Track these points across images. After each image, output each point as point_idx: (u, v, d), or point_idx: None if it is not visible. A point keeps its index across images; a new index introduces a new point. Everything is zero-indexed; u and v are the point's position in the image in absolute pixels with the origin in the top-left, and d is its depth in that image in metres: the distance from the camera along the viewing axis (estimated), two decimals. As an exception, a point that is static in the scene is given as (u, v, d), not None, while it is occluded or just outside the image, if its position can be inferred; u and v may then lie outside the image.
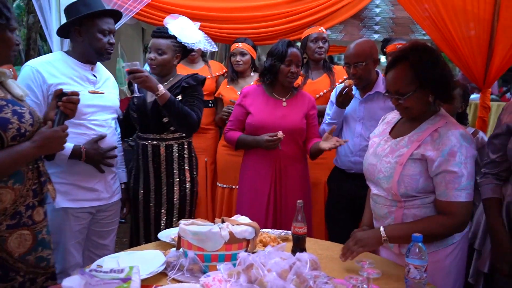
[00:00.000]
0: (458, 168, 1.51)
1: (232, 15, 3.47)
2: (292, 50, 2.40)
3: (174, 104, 2.17)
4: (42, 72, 1.94)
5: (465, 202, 1.53)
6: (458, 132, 1.54)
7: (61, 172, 2.01)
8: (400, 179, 1.58)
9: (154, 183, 2.34)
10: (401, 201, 1.62)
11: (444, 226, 1.54)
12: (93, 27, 2.01)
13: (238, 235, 1.54)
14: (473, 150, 1.56)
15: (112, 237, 2.26)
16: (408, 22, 3.48)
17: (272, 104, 2.46)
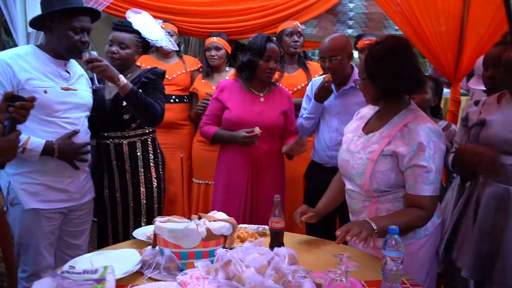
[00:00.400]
0: (427, 163, 1.54)
1: (206, 9, 3.43)
2: (271, 45, 2.37)
3: (136, 94, 2.09)
4: (12, 66, 1.86)
5: (432, 196, 1.57)
6: (426, 127, 1.57)
7: (30, 172, 1.93)
8: (372, 176, 1.61)
9: (119, 183, 2.28)
10: (374, 196, 1.66)
11: (421, 219, 1.59)
12: (64, 23, 1.93)
13: (215, 231, 1.52)
14: (442, 145, 1.59)
15: (85, 237, 2.19)
16: (381, 18, 3.52)
17: (250, 100, 2.44)
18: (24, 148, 1.85)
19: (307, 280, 1.25)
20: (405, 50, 1.61)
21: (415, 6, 2.95)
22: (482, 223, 1.69)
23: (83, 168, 2.09)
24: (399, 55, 1.59)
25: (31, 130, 1.89)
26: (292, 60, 3.10)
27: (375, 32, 3.51)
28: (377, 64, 1.60)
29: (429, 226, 1.68)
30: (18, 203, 1.93)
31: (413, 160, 1.56)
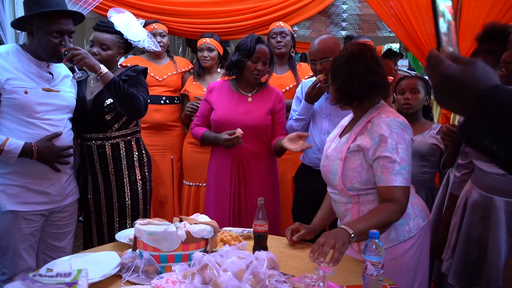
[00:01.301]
0: (390, 153, 1.56)
1: (198, 9, 3.42)
2: (261, 46, 2.35)
3: (118, 84, 2.02)
4: None
5: (402, 186, 1.56)
6: (388, 119, 1.60)
7: (9, 173, 1.91)
8: (344, 174, 1.64)
9: (103, 185, 2.24)
10: (353, 196, 1.66)
11: (395, 212, 1.55)
12: (42, 27, 1.90)
13: (195, 234, 1.50)
14: (406, 135, 1.60)
15: (69, 239, 2.17)
16: (375, 19, 3.51)
17: (236, 100, 2.42)
18: (2, 150, 1.82)
19: (285, 285, 1.23)
20: (366, 57, 1.66)
21: (407, 8, 2.94)
22: (468, 231, 1.68)
23: (65, 171, 2.06)
24: (359, 61, 1.64)
25: (10, 131, 1.87)
26: (282, 61, 3.08)
27: (369, 33, 3.50)
28: (337, 69, 1.67)
29: (413, 228, 1.65)
30: (-4, 205, 1.91)
31: (377, 152, 1.58)
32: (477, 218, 1.65)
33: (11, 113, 1.87)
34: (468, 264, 1.66)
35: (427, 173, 2.39)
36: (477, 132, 0.69)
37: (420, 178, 2.37)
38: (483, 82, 0.72)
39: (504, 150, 0.67)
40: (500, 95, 0.70)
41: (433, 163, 2.38)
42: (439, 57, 0.76)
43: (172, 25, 3.32)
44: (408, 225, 1.65)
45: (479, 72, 0.73)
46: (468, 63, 0.74)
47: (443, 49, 0.77)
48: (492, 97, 0.70)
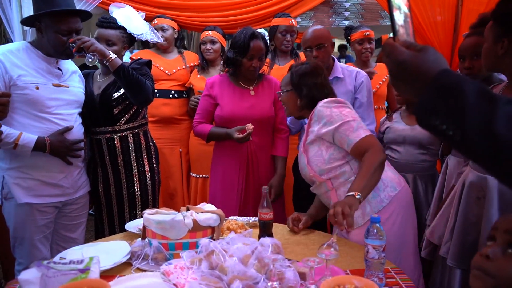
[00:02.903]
0: (340, 120, 1.77)
1: (200, 3, 3.43)
2: (255, 43, 2.31)
3: (126, 69, 2.08)
4: (4, 62, 1.88)
5: (366, 136, 1.75)
6: (322, 102, 1.84)
7: (24, 167, 1.97)
8: (310, 161, 1.85)
9: (113, 177, 2.30)
10: (327, 181, 1.82)
11: (377, 153, 1.70)
12: (52, 26, 1.94)
13: (202, 222, 1.54)
14: (342, 103, 1.83)
15: (81, 230, 2.23)
16: (378, 8, 3.50)
17: (239, 94, 2.43)
18: (16, 144, 1.88)
19: (289, 269, 1.27)
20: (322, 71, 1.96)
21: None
22: (465, 212, 1.71)
23: (76, 164, 2.12)
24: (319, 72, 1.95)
25: (23, 125, 1.92)
26: (285, 53, 3.10)
27: (372, 23, 3.49)
28: (303, 78, 1.92)
29: (384, 198, 1.78)
30: (12, 197, 1.97)
31: (330, 127, 1.78)
32: (473, 199, 1.68)
33: (24, 108, 1.92)
34: (466, 245, 1.69)
35: (426, 161, 2.41)
36: (429, 113, 0.74)
37: (419, 166, 2.40)
38: (434, 67, 0.76)
39: (452, 129, 0.71)
40: (448, 78, 0.74)
41: (432, 151, 2.40)
42: (394, 45, 0.81)
43: (176, 19, 3.34)
44: (379, 196, 1.78)
45: (430, 57, 0.77)
46: (420, 49, 0.79)
47: (398, 38, 0.82)
48: (441, 80, 0.74)
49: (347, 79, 2.43)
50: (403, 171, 2.42)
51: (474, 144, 0.70)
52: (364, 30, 3.06)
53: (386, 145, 2.55)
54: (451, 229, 1.77)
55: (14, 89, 1.90)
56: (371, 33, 3.08)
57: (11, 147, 1.88)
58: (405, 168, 2.41)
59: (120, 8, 2.41)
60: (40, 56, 2.00)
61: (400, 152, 2.45)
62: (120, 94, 2.23)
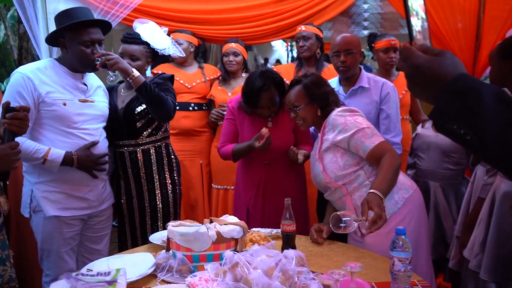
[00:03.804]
0: (355, 128, 1.84)
1: (221, 16, 3.47)
2: (264, 95, 2.23)
3: (150, 87, 2.12)
4: (33, 79, 1.94)
5: (381, 142, 1.83)
6: (335, 111, 1.93)
7: (51, 181, 2.02)
8: (325, 168, 1.92)
9: (135, 190, 2.34)
10: (342, 187, 1.88)
11: (393, 158, 1.77)
12: (75, 38, 2.00)
13: (225, 234, 1.55)
14: (355, 111, 1.91)
15: (106, 242, 2.27)
16: (397, 17, 3.49)
17: (257, 126, 2.36)
18: (45, 159, 1.93)
19: (314, 282, 1.26)
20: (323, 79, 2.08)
21: (429, 5, 2.91)
22: (498, 225, 1.67)
23: (101, 177, 2.16)
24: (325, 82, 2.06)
25: (51, 140, 1.98)
26: (310, 62, 3.11)
27: (391, 32, 3.47)
28: (318, 88, 1.99)
29: (399, 200, 1.84)
30: (40, 210, 2.02)
31: (346, 135, 1.84)
32: (507, 209, 1.64)
33: (51, 124, 1.98)
34: (502, 258, 1.65)
35: (449, 170, 2.37)
36: (446, 118, 0.73)
37: (442, 174, 2.36)
38: (451, 71, 0.75)
39: (471, 134, 0.70)
40: (466, 82, 0.73)
41: (455, 159, 2.36)
42: (411, 49, 0.80)
43: (198, 32, 3.40)
44: (393, 198, 1.83)
45: (447, 61, 0.77)
46: (437, 53, 0.78)
47: (415, 42, 0.82)
48: (458, 84, 0.73)
49: (373, 90, 2.40)
50: (426, 178, 2.39)
51: (493, 148, 0.69)
52: (390, 39, 3.03)
53: (414, 151, 2.52)
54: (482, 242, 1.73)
55: (43, 105, 1.96)
56: (397, 42, 3.05)
57: (40, 162, 1.93)
58: (428, 175, 2.38)
59: (144, 24, 2.46)
60: (67, 72, 2.06)
61: (424, 159, 2.42)
62: (143, 108, 2.27)
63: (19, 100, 1.90)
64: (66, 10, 2.07)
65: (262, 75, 2.26)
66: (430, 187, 2.39)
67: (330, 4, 3.44)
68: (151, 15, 3.27)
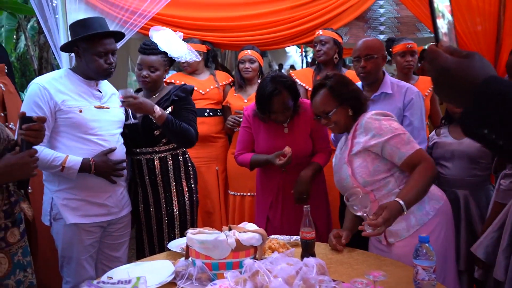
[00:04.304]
0: (391, 134, 1.76)
1: (237, 23, 3.50)
2: (276, 100, 2.22)
3: (172, 122, 2.19)
4: (49, 89, 1.99)
5: (418, 149, 1.75)
6: (369, 114, 1.85)
7: (71, 188, 2.05)
8: (354, 172, 1.83)
9: (152, 197, 2.35)
10: (369, 192, 1.80)
11: (428, 168, 1.71)
12: (89, 49, 2.04)
13: (245, 242, 1.54)
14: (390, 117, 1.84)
15: (124, 249, 2.28)
16: (414, 21, 3.45)
17: (273, 132, 2.37)
18: (63, 167, 1.96)
19: (336, 291, 1.24)
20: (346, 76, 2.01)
21: (448, 7, 2.87)
22: None
23: (120, 183, 2.19)
24: (351, 82, 1.97)
25: (68, 148, 2.02)
26: (328, 67, 3.10)
27: (408, 35, 3.44)
28: (345, 88, 1.90)
29: (430, 210, 1.77)
30: (60, 218, 2.05)
31: (380, 140, 1.77)
32: None
33: (69, 132, 2.02)
34: None
35: (477, 176, 2.31)
36: (476, 122, 0.70)
37: (471, 181, 2.30)
38: (481, 74, 0.72)
39: (503, 138, 0.68)
40: (497, 85, 0.70)
41: (483, 165, 2.30)
42: (437, 51, 0.77)
43: (212, 40, 3.42)
44: (425, 209, 1.77)
45: (476, 64, 0.74)
46: (465, 56, 0.76)
47: (441, 44, 0.78)
48: (489, 88, 0.70)
49: (396, 95, 2.33)
50: (454, 187, 2.33)
51: None
52: (407, 42, 3.01)
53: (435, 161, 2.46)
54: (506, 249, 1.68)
55: (59, 114, 2.00)
56: (414, 45, 3.02)
57: (59, 169, 1.96)
58: (455, 184, 2.32)
59: (160, 31, 2.49)
60: (81, 80, 2.10)
61: (449, 168, 2.36)
62: None
63: (36, 109, 1.94)
64: (81, 20, 2.12)
65: (272, 80, 2.25)
66: (459, 196, 2.32)
67: (346, 9, 3.43)
68: (167, 23, 3.29)
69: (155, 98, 2.37)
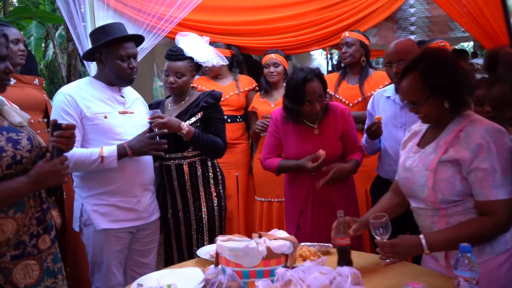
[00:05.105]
0: (490, 164, 1.47)
1: (262, 27, 3.49)
2: (310, 86, 2.20)
3: (200, 137, 2.22)
4: (74, 97, 2.04)
5: (505, 200, 1.47)
6: (484, 128, 1.51)
7: (101, 194, 2.08)
8: (435, 185, 1.55)
9: (181, 203, 2.37)
10: (442, 208, 1.57)
11: (486, 227, 1.48)
12: (111, 54, 2.09)
13: (276, 250, 1.52)
14: (505, 144, 1.50)
15: (153, 255, 2.30)
16: (446, 20, 3.37)
17: (303, 135, 2.35)
18: (102, 157, 2.00)
19: (372, 302, 1.21)
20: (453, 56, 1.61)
21: (482, 5, 2.78)
22: None
23: (148, 187, 2.21)
24: (455, 66, 1.57)
25: None
26: (354, 70, 3.06)
27: (440, 35, 3.36)
28: (439, 77, 1.54)
29: (510, 239, 1.54)
30: (91, 224, 2.08)
31: (474, 163, 1.49)
32: None
33: (97, 138, 2.06)
34: None
35: None
36: None
37: None
38: None
39: None
40: None
41: None
42: None
43: (238, 44, 3.43)
44: (504, 237, 1.53)
45: None
46: None
47: None
48: None
49: None
50: None
51: None
52: (438, 41, 2.93)
53: None
54: None
55: (86, 121, 2.05)
56: (446, 44, 2.94)
57: (99, 162, 1.99)
58: None
59: (186, 36, 2.51)
60: (104, 87, 2.15)
61: None
62: (191, 123, 2.32)
63: (66, 117, 2.00)
64: (101, 27, 2.18)
65: (301, 69, 2.26)
66: None
67: (375, 10, 3.38)
68: (193, 28, 3.33)
69: (184, 104, 2.39)
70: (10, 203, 1.44)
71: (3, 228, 1.43)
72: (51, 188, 1.56)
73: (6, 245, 1.44)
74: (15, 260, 1.46)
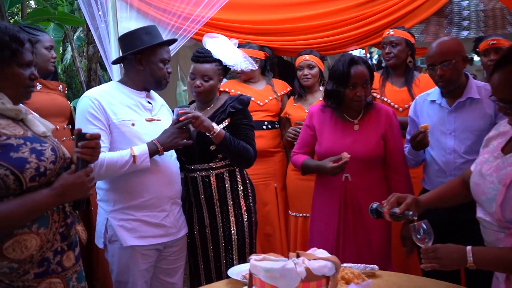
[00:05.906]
0: None
1: (296, 25, 3.48)
2: (356, 69, 2.27)
3: (230, 141, 2.24)
4: (101, 101, 2.10)
5: None
6: None
7: (127, 208, 2.12)
8: (505, 203, 1.47)
9: (208, 218, 2.38)
10: (509, 228, 1.51)
11: None
12: (155, 56, 2.18)
13: (316, 271, 1.51)
14: None
15: (180, 274, 2.33)
16: (504, 13, 3.27)
17: (341, 129, 2.38)
18: (134, 156, 2.06)
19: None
20: None
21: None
22: None
23: (176, 201, 2.26)
24: None
25: None
26: (398, 72, 3.02)
27: (497, 31, 3.27)
28: None
29: None
30: (116, 240, 2.13)
31: None
32: None
33: (122, 147, 2.12)
34: None
35: None
36: None
37: None
38: None
39: None
40: None
41: None
42: None
43: (269, 44, 3.44)
44: None
45: None
46: None
47: None
48: None
49: (485, 100, 2.20)
50: None
51: None
52: (491, 38, 2.87)
53: None
54: None
55: (113, 128, 2.11)
56: (499, 42, 2.87)
57: (131, 163, 2.05)
58: None
59: (214, 38, 2.55)
60: (132, 92, 2.22)
61: None
62: None
63: (94, 121, 2.06)
64: (144, 28, 2.26)
65: (348, 54, 2.36)
66: None
67: (421, 4, 3.31)
68: (221, 28, 3.38)
69: (210, 109, 2.43)
70: (34, 217, 1.47)
71: (26, 244, 1.45)
72: (75, 201, 1.61)
73: (30, 262, 1.47)
74: (39, 278, 1.49)
